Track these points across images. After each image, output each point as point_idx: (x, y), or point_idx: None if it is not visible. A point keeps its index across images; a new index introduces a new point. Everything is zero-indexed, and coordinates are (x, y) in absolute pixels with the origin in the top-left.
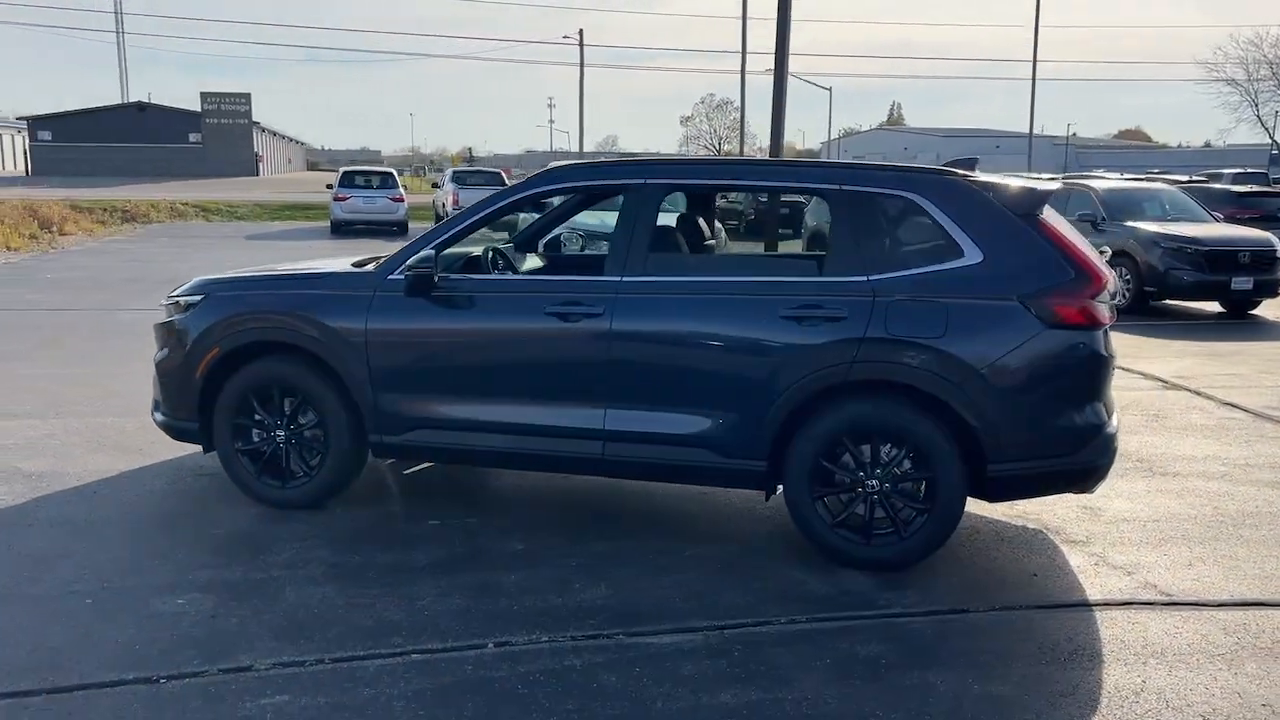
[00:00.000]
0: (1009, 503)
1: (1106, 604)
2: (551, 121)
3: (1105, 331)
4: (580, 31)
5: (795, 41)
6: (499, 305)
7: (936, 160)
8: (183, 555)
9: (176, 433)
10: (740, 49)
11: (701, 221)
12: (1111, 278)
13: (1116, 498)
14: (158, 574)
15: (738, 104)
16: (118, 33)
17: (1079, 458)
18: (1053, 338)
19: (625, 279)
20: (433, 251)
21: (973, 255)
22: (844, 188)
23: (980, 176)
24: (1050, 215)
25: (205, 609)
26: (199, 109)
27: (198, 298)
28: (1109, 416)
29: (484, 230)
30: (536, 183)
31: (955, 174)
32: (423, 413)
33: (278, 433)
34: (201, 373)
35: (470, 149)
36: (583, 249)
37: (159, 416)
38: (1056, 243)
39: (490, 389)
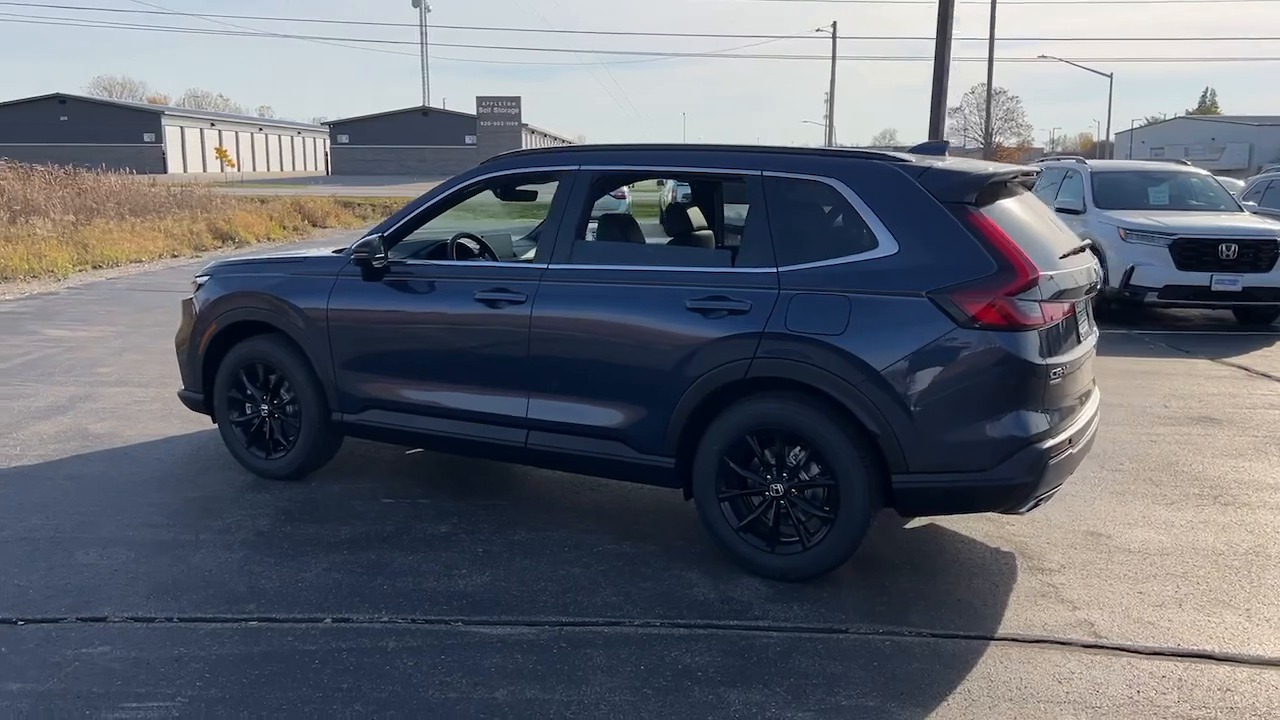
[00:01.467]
0: (1001, 521)
1: (1013, 639)
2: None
3: (1039, 333)
4: (834, 24)
5: (1075, 24)
6: (438, 290)
7: (1250, 153)
8: (139, 514)
9: (190, 404)
10: (989, 35)
11: (707, 210)
12: (1073, 273)
13: (1143, 525)
14: (104, 528)
15: (1011, 93)
16: (421, 44)
17: (996, 474)
18: (964, 338)
19: (551, 267)
20: (376, 238)
21: (888, 246)
22: (765, 173)
23: (925, 161)
24: (995, 203)
25: (115, 563)
26: (475, 112)
27: (205, 278)
28: (1044, 428)
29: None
30: (478, 172)
31: (881, 158)
32: (374, 393)
33: (262, 407)
34: (203, 348)
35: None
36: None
37: (179, 388)
38: (984, 233)
39: (430, 373)
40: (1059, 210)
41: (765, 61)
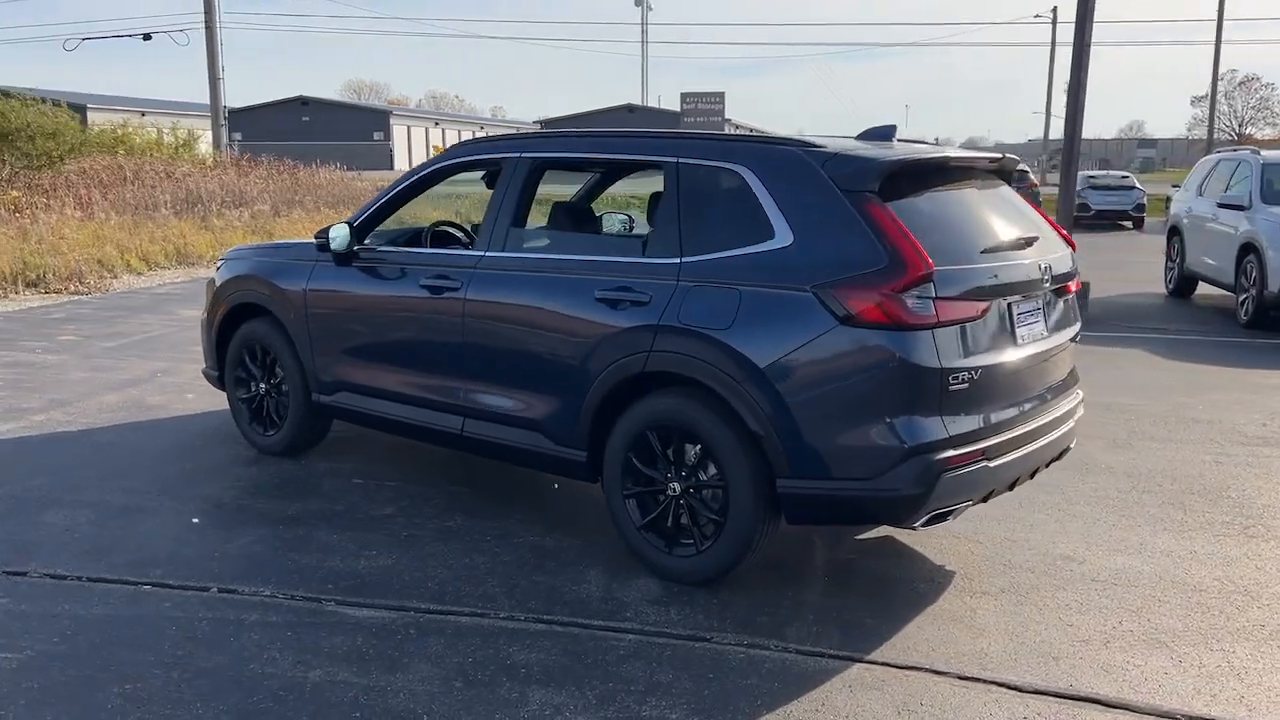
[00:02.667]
0: (965, 538)
1: (884, 664)
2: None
3: (932, 333)
4: (1054, 9)
5: None
6: (392, 277)
7: None
8: (130, 480)
9: (209, 380)
10: (1217, 14)
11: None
12: (1001, 268)
13: (1130, 553)
14: (90, 492)
15: (1267, 81)
16: (642, 42)
17: (881, 483)
18: (846, 336)
19: (486, 254)
20: (345, 226)
21: (783, 237)
22: (680, 160)
23: (837, 147)
24: (912, 192)
25: (73, 524)
26: (679, 109)
27: (223, 261)
28: (939, 437)
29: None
30: (433, 162)
31: (787, 144)
32: (343, 376)
33: (260, 385)
34: (216, 328)
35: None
36: (627, 230)
37: (204, 365)
38: (879, 224)
39: (387, 357)
40: (1223, 206)
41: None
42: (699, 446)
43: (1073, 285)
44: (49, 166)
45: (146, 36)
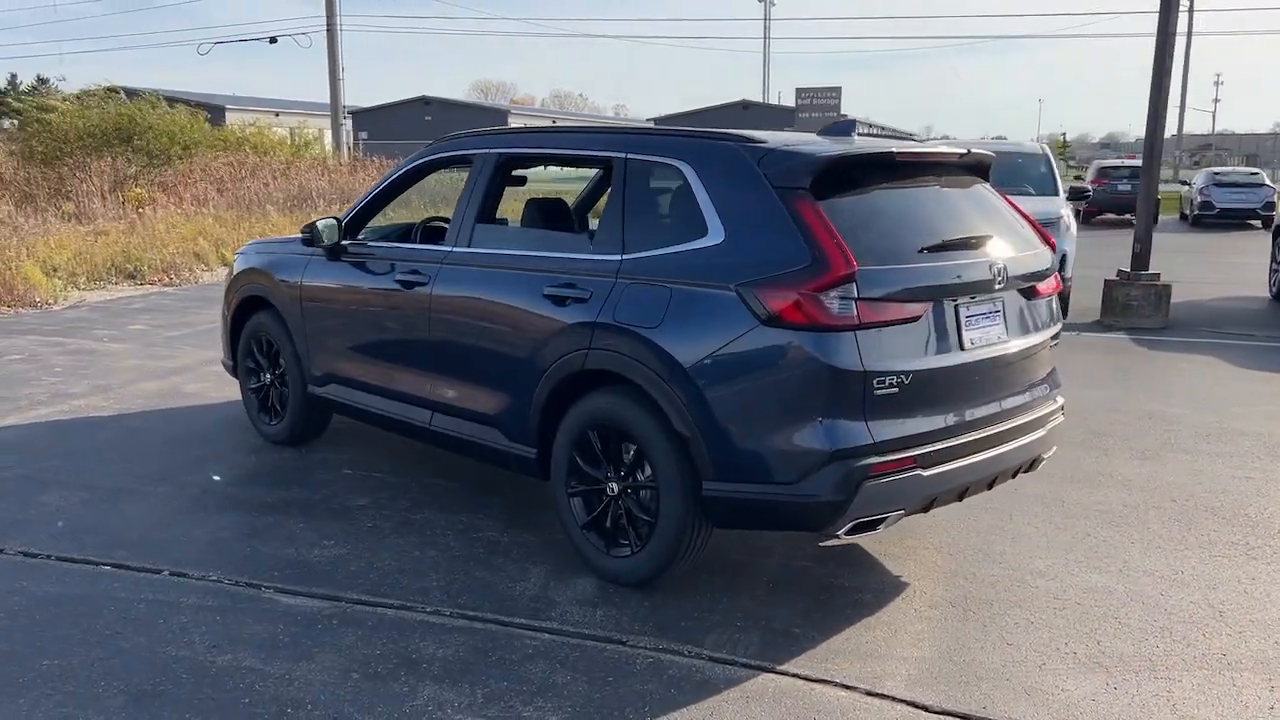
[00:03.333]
0: (938, 549)
1: (795, 675)
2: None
3: (854, 335)
4: None
5: None
6: (373, 271)
7: None
8: (137, 465)
9: (227, 370)
10: None
11: None
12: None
13: (1105, 571)
14: (97, 475)
15: None
16: (764, 38)
17: (800, 489)
18: (766, 337)
19: (453, 250)
20: (334, 220)
21: (715, 235)
22: (628, 156)
23: (777, 142)
24: (851, 189)
25: (66, 505)
26: (794, 104)
27: (237, 255)
28: (864, 442)
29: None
30: (412, 159)
31: (727, 139)
32: (333, 369)
33: (265, 376)
34: (230, 319)
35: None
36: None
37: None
38: (806, 222)
39: (367, 351)
40: None
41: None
42: (635, 447)
43: (1045, 287)
44: (168, 164)
45: (272, 40)
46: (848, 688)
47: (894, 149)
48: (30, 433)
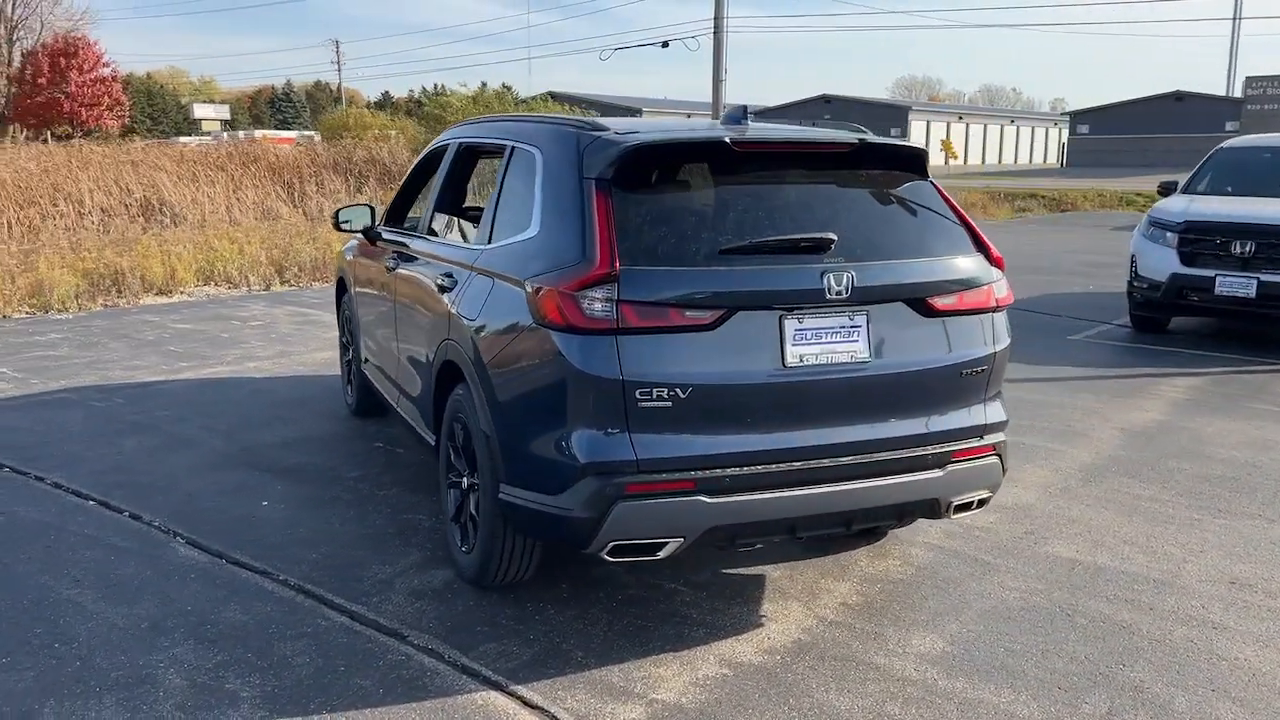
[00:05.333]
0: (906, 561)
1: (510, 694)
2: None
3: (613, 339)
4: None
5: None
6: (383, 257)
7: None
8: (217, 420)
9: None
10: None
11: None
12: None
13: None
14: (181, 425)
15: None
16: (1234, 19)
17: (559, 501)
18: (536, 337)
19: (416, 238)
20: (366, 207)
21: (534, 226)
22: (514, 144)
23: (612, 131)
24: (651, 183)
25: (132, 449)
26: (1239, 95)
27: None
28: (625, 458)
29: None
30: (424, 153)
31: (571, 124)
32: (367, 349)
33: (349, 351)
34: (336, 300)
35: None
36: None
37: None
38: (591, 216)
39: (370, 332)
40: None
41: None
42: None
43: (948, 302)
44: None
45: (664, 44)
46: (567, 710)
47: (730, 138)
48: (187, 386)
